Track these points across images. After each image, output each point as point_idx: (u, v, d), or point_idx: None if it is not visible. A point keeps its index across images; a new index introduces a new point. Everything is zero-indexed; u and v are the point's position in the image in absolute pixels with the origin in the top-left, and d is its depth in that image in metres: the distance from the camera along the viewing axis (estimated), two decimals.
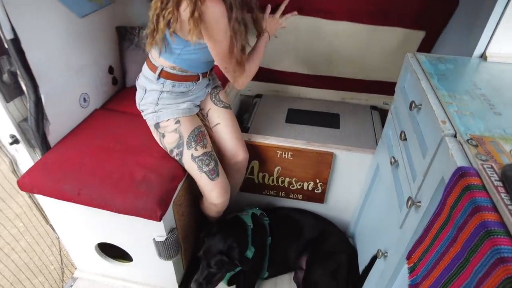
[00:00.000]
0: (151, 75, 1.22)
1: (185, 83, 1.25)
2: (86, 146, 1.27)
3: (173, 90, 1.23)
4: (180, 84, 1.24)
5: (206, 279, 1.28)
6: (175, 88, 1.24)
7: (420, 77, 0.96)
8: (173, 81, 1.22)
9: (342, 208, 1.63)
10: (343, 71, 1.73)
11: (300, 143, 1.46)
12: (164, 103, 1.24)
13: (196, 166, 1.22)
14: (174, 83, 1.23)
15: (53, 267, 1.77)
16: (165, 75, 1.20)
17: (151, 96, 1.24)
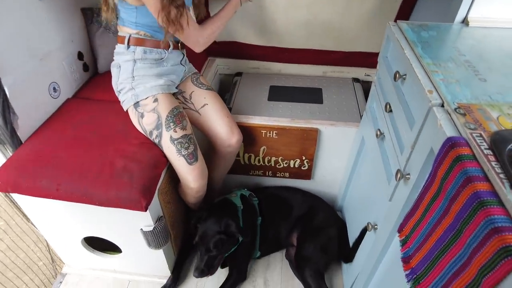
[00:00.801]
0: (122, 47, 1.20)
1: (156, 50, 1.22)
2: (61, 138, 1.20)
3: (145, 57, 1.19)
4: (151, 50, 1.21)
5: (207, 265, 1.27)
6: (147, 55, 1.20)
7: (403, 45, 0.94)
8: (143, 47, 1.19)
9: (329, 182, 1.63)
10: (323, 43, 1.69)
11: (284, 121, 1.43)
12: (139, 74, 1.20)
13: (175, 149, 1.18)
14: (145, 49, 1.20)
15: (42, 263, 1.73)
16: (134, 42, 1.18)
17: (126, 70, 1.20)
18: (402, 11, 1.50)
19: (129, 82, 1.20)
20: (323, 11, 1.53)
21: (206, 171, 1.26)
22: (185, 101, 1.35)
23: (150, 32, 1.18)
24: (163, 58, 1.24)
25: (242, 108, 1.56)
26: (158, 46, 1.21)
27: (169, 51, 1.25)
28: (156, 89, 1.20)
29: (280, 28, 1.64)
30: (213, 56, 1.86)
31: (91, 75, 1.59)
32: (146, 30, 1.17)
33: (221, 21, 1.28)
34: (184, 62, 1.35)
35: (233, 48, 1.77)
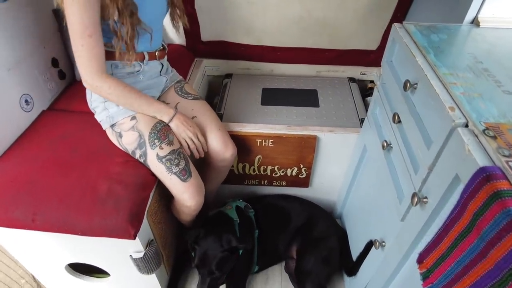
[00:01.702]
0: None
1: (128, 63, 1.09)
2: (36, 159, 1.08)
3: (116, 73, 1.07)
4: (123, 64, 1.08)
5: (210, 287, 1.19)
6: (119, 70, 1.08)
7: (414, 52, 0.85)
8: (112, 61, 1.06)
9: (327, 189, 1.56)
10: (317, 41, 1.59)
11: (281, 128, 1.34)
12: None
13: (164, 168, 1.07)
14: (115, 63, 1.07)
15: (24, 280, 1.61)
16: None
17: None
18: (400, 5, 1.42)
19: (101, 102, 1.09)
20: (317, 6, 1.44)
21: (202, 185, 1.16)
22: None
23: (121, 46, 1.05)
24: (138, 71, 1.12)
25: (234, 114, 1.46)
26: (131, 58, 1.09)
27: (144, 63, 1.13)
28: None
29: (271, 25, 1.53)
30: (200, 57, 1.74)
31: (68, 83, 1.45)
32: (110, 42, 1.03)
33: (132, 98, 1.05)
34: (164, 72, 1.23)
35: (221, 48, 1.66)
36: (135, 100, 1.06)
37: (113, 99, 1.04)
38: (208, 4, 1.48)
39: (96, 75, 0.98)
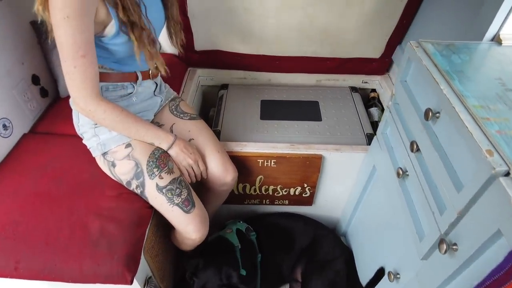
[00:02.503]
0: None
1: (120, 84, 0.99)
2: (17, 193, 0.98)
3: (107, 96, 0.97)
4: (114, 86, 0.98)
5: None
6: (110, 92, 0.98)
7: (437, 78, 0.77)
8: (104, 83, 0.96)
9: (331, 207, 1.49)
10: (318, 50, 1.51)
11: (284, 147, 1.26)
12: None
13: (165, 199, 0.98)
14: (106, 85, 0.97)
15: None
16: None
17: None
18: (406, 12, 1.34)
19: (91, 127, 0.98)
20: (319, 14, 1.35)
21: (207, 215, 1.07)
22: None
23: (111, 65, 0.95)
24: (131, 93, 1.02)
25: (233, 131, 1.37)
26: (124, 79, 0.99)
27: (138, 84, 1.03)
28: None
29: (270, 34, 1.44)
30: (193, 67, 1.64)
31: (51, 100, 1.33)
32: (105, 62, 0.94)
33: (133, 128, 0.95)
34: (158, 92, 1.13)
35: (216, 58, 1.56)
36: (132, 126, 0.95)
37: (108, 124, 0.93)
38: (202, 11, 1.37)
39: (90, 98, 0.87)
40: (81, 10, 0.78)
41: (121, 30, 0.87)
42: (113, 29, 0.86)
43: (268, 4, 1.31)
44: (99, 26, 0.86)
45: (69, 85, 0.86)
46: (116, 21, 0.85)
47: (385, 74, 1.62)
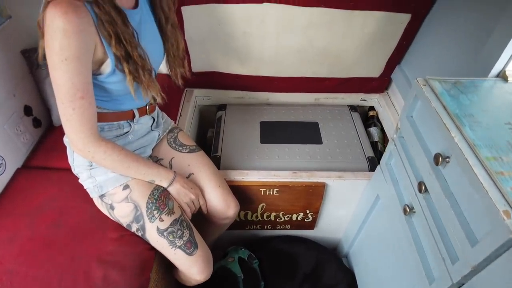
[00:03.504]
0: None
1: (116, 124, 0.96)
2: (13, 240, 0.94)
3: (104, 136, 0.92)
4: (110, 125, 0.95)
5: None
6: (106, 133, 0.94)
7: (447, 123, 0.76)
8: (99, 123, 0.92)
9: (333, 229, 1.49)
10: (317, 70, 1.49)
11: (286, 176, 1.24)
12: None
13: (167, 242, 0.95)
14: (102, 125, 0.93)
15: None
16: None
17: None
18: (406, 34, 1.33)
19: (87, 169, 0.95)
20: (320, 36, 1.33)
21: (210, 255, 1.05)
22: None
23: (106, 105, 0.92)
24: (128, 132, 0.98)
25: (233, 157, 1.34)
26: (119, 118, 0.95)
27: (134, 122, 0.99)
28: (123, 176, 0.95)
29: (269, 55, 1.41)
30: (190, 87, 1.60)
31: (44, 129, 1.29)
32: (100, 103, 0.90)
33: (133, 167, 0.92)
34: (156, 126, 1.10)
35: (213, 79, 1.53)
36: (132, 165, 0.92)
37: (107, 165, 0.90)
38: (199, 35, 1.34)
39: (88, 140, 0.83)
40: (79, 51, 0.74)
41: (117, 68, 0.83)
42: (109, 67, 0.83)
43: (268, 28, 1.28)
44: (96, 64, 0.82)
45: (66, 127, 0.82)
46: (112, 59, 0.82)
47: (384, 92, 1.61)
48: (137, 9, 0.87)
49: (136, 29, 0.84)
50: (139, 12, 0.88)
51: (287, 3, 1.19)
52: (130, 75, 0.83)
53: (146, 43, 0.88)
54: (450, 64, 1.17)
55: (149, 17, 0.93)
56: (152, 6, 0.94)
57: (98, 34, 0.77)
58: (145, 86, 0.87)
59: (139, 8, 0.88)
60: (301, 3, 1.19)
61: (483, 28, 1.00)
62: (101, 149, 0.86)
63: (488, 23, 0.97)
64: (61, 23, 0.70)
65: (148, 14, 0.93)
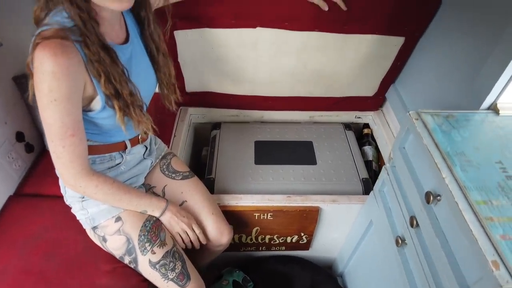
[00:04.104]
0: None
1: (108, 155, 0.95)
2: (6, 272, 0.93)
3: (95, 169, 0.91)
4: (101, 158, 0.94)
5: None
6: (98, 166, 0.93)
7: (438, 163, 0.76)
8: (90, 156, 0.91)
9: (328, 249, 1.49)
10: (312, 90, 1.49)
11: (280, 199, 1.23)
12: None
13: (159, 275, 0.95)
14: (93, 158, 0.92)
15: None
16: None
17: None
18: (400, 55, 1.33)
19: (78, 201, 0.94)
20: (314, 59, 1.33)
21: (203, 285, 1.05)
22: None
23: (97, 137, 0.91)
24: (120, 163, 0.98)
25: (227, 179, 1.34)
26: (110, 150, 0.95)
27: (126, 152, 0.99)
28: (116, 207, 0.95)
29: (263, 77, 1.41)
30: (185, 106, 1.60)
31: (37, 154, 1.28)
32: (91, 136, 0.89)
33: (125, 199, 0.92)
34: (148, 154, 1.09)
35: (207, 98, 1.53)
36: (124, 197, 0.91)
37: (99, 198, 0.90)
38: (193, 57, 1.33)
39: (79, 176, 0.83)
40: (69, 92, 0.73)
41: (107, 105, 0.83)
42: (99, 104, 0.82)
43: (261, 52, 1.28)
44: (86, 100, 0.81)
45: (56, 164, 0.82)
46: (102, 96, 0.81)
47: (379, 110, 1.62)
48: (128, 43, 0.87)
49: (127, 65, 0.84)
50: (129, 46, 0.87)
51: (281, 27, 1.19)
52: (120, 112, 0.83)
53: (138, 77, 0.88)
54: (444, 87, 1.17)
55: (140, 49, 0.93)
56: (143, 38, 0.94)
57: (88, 72, 0.77)
58: (136, 122, 0.87)
59: (130, 42, 0.88)
60: (295, 28, 1.19)
61: (477, 56, 1.00)
62: (93, 183, 0.85)
63: (482, 52, 0.97)
64: (50, 66, 0.69)
65: (139, 46, 0.92)
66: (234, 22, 1.17)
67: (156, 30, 0.93)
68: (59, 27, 0.71)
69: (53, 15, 0.73)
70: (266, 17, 1.16)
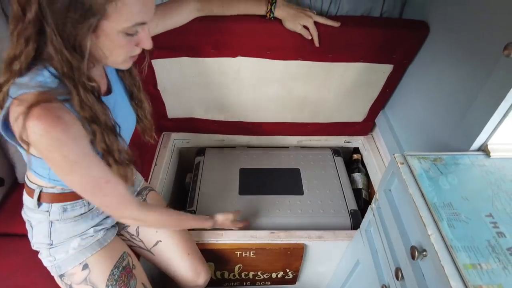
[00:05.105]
0: (30, 202, 0.85)
1: (81, 201, 0.88)
2: None
3: (66, 217, 0.86)
4: (73, 204, 0.87)
5: None
6: (69, 213, 0.87)
7: (424, 217, 0.70)
8: (62, 203, 0.85)
9: (315, 283, 1.43)
10: (297, 116, 1.43)
11: (263, 236, 1.17)
12: (59, 238, 0.88)
13: None
14: (64, 205, 0.85)
15: None
16: (48, 198, 0.84)
17: (40, 232, 0.88)
18: (389, 81, 1.28)
19: (46, 248, 0.88)
20: (297, 87, 1.28)
21: None
22: (132, 238, 1.04)
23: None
24: (93, 207, 0.91)
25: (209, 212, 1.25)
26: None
27: None
28: (83, 252, 0.88)
29: (246, 104, 1.36)
30: (168, 131, 1.54)
31: (7, 187, 1.22)
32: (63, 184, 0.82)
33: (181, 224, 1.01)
34: None
35: (191, 124, 1.47)
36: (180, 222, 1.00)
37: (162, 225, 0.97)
38: (173, 85, 1.28)
39: (136, 212, 0.83)
40: (83, 148, 0.68)
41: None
42: None
43: (243, 80, 1.23)
44: None
45: (112, 213, 0.84)
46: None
47: (369, 134, 1.56)
48: (111, 94, 0.81)
49: (113, 114, 0.78)
50: (113, 96, 0.81)
51: (262, 56, 1.14)
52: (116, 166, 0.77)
53: (122, 121, 0.82)
54: (432, 117, 1.11)
55: (120, 93, 0.86)
56: (122, 80, 0.88)
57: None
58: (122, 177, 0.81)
59: (113, 92, 0.82)
60: (277, 57, 1.14)
61: (466, 90, 0.94)
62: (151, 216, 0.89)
63: (471, 86, 0.92)
64: (53, 136, 0.62)
65: (119, 90, 0.86)
66: (213, 52, 1.12)
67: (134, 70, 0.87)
68: (43, 90, 0.63)
69: (34, 76, 0.63)
70: (247, 46, 1.11)
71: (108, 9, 0.58)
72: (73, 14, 0.57)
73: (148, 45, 0.69)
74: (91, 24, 0.58)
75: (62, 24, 0.58)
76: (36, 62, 0.63)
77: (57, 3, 0.56)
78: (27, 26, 0.58)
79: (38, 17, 0.57)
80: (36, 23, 0.58)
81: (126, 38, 0.65)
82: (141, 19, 0.64)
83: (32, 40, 0.60)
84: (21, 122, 0.60)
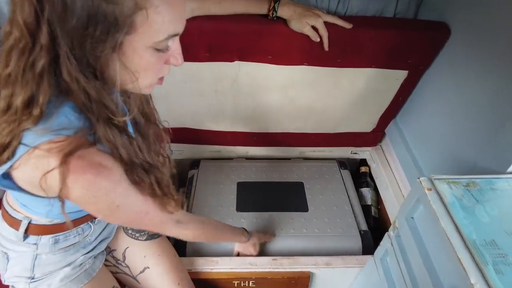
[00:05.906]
0: (12, 233, 0.72)
1: (74, 230, 0.76)
2: None
3: (57, 248, 0.74)
4: (66, 234, 0.75)
5: None
6: (61, 244, 0.75)
7: (462, 259, 0.58)
8: (53, 235, 0.73)
9: None
10: (301, 126, 1.31)
11: (265, 263, 1.04)
12: (43, 271, 0.75)
13: None
14: (56, 237, 0.73)
15: None
16: (38, 230, 0.71)
17: (19, 264, 0.74)
18: (402, 89, 1.16)
19: (24, 282, 0.75)
20: (302, 94, 1.15)
21: None
22: (117, 264, 0.92)
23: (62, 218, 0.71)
24: (87, 234, 0.79)
25: None
26: (78, 223, 0.76)
27: (95, 222, 0.80)
28: (69, 286, 0.77)
29: (245, 113, 1.23)
30: None
31: None
32: (56, 217, 0.71)
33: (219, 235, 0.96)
34: None
35: (184, 134, 1.34)
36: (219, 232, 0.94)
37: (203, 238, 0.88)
38: (163, 92, 1.14)
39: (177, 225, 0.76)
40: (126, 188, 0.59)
41: None
42: None
43: (241, 87, 1.10)
44: None
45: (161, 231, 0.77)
46: None
47: (377, 146, 1.44)
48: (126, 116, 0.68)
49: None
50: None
51: (262, 61, 1.01)
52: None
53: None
54: (453, 129, 0.99)
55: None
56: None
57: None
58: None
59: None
60: (279, 62, 1.01)
61: (496, 102, 0.82)
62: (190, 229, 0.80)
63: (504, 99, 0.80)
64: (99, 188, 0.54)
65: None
66: (208, 55, 0.99)
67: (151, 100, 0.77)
68: (70, 132, 0.51)
69: (53, 116, 0.51)
70: (246, 50, 0.98)
71: (137, 20, 0.46)
72: (93, 31, 0.44)
73: (181, 61, 0.57)
74: (116, 41, 0.46)
75: (78, 45, 0.45)
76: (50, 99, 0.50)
77: (72, 19, 0.43)
78: (39, 55, 0.45)
79: (52, 41, 0.44)
80: (50, 49, 0.45)
81: (155, 55, 0.52)
82: (174, 30, 0.51)
83: (47, 73, 0.47)
84: (58, 178, 0.49)
